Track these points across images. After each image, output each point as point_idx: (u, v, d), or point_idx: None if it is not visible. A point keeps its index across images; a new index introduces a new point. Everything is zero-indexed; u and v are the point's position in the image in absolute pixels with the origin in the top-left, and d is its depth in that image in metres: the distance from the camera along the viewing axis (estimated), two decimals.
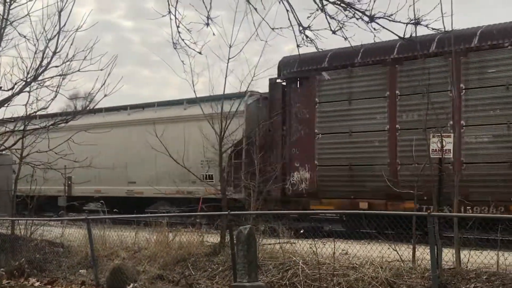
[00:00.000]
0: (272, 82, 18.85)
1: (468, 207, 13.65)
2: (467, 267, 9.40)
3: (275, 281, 10.26)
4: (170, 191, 20.73)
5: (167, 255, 12.17)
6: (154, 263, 12.06)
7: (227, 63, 12.91)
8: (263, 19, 6.69)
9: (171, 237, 12.99)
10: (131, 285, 11.44)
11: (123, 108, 24.47)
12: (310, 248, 10.90)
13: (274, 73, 18.76)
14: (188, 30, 6.71)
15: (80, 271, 12.80)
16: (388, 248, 10.23)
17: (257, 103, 19.93)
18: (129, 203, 22.93)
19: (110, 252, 13.27)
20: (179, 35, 6.65)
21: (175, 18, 6.56)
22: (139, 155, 21.86)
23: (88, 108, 16.34)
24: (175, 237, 12.93)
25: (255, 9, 6.22)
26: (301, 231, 15.55)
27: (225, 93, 13.24)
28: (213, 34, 6.36)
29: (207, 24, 6.06)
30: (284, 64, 18.78)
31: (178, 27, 6.62)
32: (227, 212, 11.39)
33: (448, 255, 9.79)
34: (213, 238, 13.13)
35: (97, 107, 19.00)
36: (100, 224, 14.37)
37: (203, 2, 6.03)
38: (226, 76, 13.10)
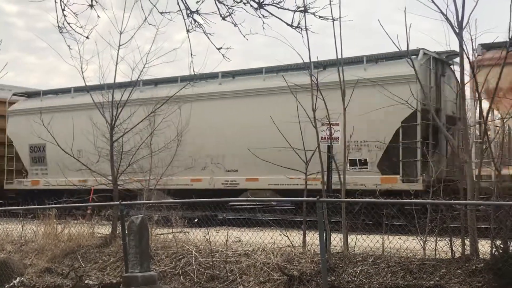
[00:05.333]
0: None
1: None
2: (354, 250, 9.73)
3: (168, 270, 10.21)
4: None
5: (55, 248, 11.83)
6: (42, 256, 11.69)
7: (118, 50, 12.70)
8: (154, 6, 6.58)
9: (60, 229, 12.62)
10: (18, 279, 11.03)
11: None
12: (204, 236, 10.93)
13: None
14: (74, 13, 6.49)
15: None
16: (280, 234, 10.41)
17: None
18: None
19: None
20: (65, 19, 6.41)
21: (60, 0, 6.31)
22: None
23: None
24: (64, 229, 12.57)
25: None
26: (195, 220, 15.55)
27: None
28: (98, 16, 6.18)
29: (91, 6, 5.88)
30: None
31: (63, 10, 6.37)
32: (118, 203, 11.18)
33: (336, 239, 10.10)
34: (104, 230, 12.86)
35: None
36: None
37: None
38: (116, 63, 12.92)
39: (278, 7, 5.86)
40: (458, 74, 9.34)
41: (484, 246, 8.80)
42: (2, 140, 23.52)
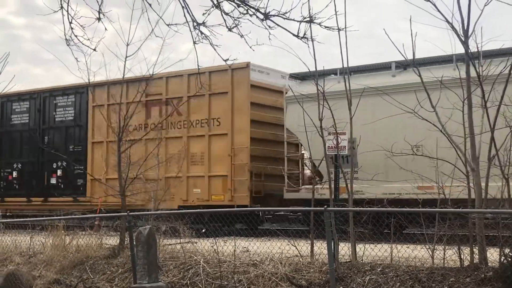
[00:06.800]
0: None
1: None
2: (362, 260, 9.71)
3: (176, 281, 10.21)
4: None
5: (64, 259, 11.84)
6: (50, 268, 11.71)
7: (125, 61, 12.74)
8: (160, 17, 6.64)
9: (68, 240, 12.65)
10: None
11: None
12: (212, 247, 10.93)
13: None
14: (81, 26, 6.56)
15: None
16: (288, 244, 10.41)
17: None
18: None
19: (4, 258, 12.78)
20: (72, 31, 6.48)
21: (68, 13, 6.38)
22: None
23: None
24: (72, 240, 12.60)
25: (150, 5, 6.17)
26: (203, 231, 15.57)
27: None
28: (105, 29, 6.25)
29: (99, 19, 5.94)
30: None
31: (70, 23, 6.45)
32: (126, 213, 11.20)
33: (344, 249, 10.08)
34: (112, 240, 12.88)
35: None
36: None
37: None
38: (123, 75, 12.96)
39: (284, 18, 5.90)
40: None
41: (493, 255, 8.76)
42: (278, 138, 18.16)
